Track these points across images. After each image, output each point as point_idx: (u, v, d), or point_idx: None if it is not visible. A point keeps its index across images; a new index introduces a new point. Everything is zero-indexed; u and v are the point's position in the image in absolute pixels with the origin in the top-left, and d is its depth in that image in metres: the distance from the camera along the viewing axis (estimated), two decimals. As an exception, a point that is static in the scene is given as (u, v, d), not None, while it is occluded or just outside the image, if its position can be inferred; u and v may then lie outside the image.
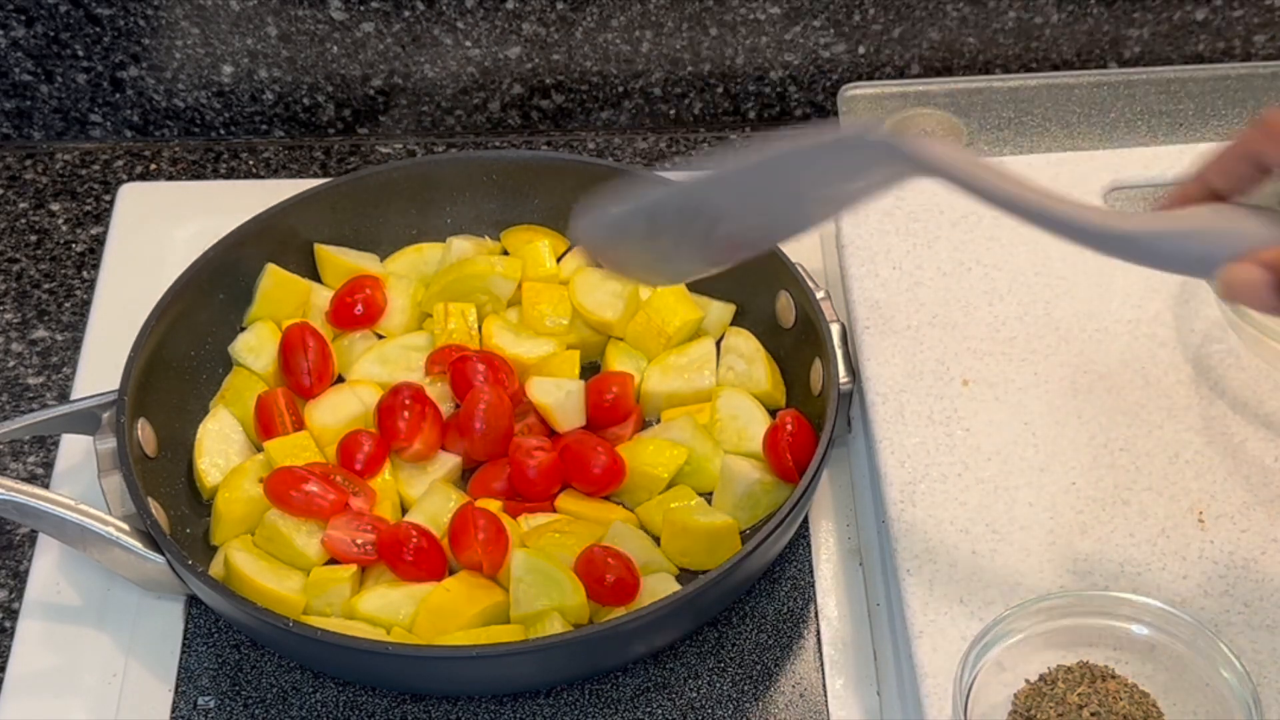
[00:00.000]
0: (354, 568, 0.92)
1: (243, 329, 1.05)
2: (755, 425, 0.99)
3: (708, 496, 0.98)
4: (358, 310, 1.05)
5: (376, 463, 0.97)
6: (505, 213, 1.10)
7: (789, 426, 0.96)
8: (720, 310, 1.05)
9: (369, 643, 0.86)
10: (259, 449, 0.99)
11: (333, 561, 0.93)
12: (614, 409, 1.00)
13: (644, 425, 1.02)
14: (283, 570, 0.93)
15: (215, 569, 0.93)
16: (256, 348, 1.03)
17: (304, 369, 1.01)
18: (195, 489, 0.98)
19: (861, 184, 0.77)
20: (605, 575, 0.91)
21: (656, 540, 0.95)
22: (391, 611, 0.91)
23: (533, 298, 1.05)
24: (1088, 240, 0.71)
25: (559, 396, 1.00)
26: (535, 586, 0.90)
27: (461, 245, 1.08)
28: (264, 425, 0.99)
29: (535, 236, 1.09)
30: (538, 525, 0.95)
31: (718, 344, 1.05)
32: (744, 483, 0.95)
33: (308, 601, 0.91)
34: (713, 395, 1.01)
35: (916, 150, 0.72)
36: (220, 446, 0.99)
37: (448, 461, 0.99)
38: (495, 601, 0.91)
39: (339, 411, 1.00)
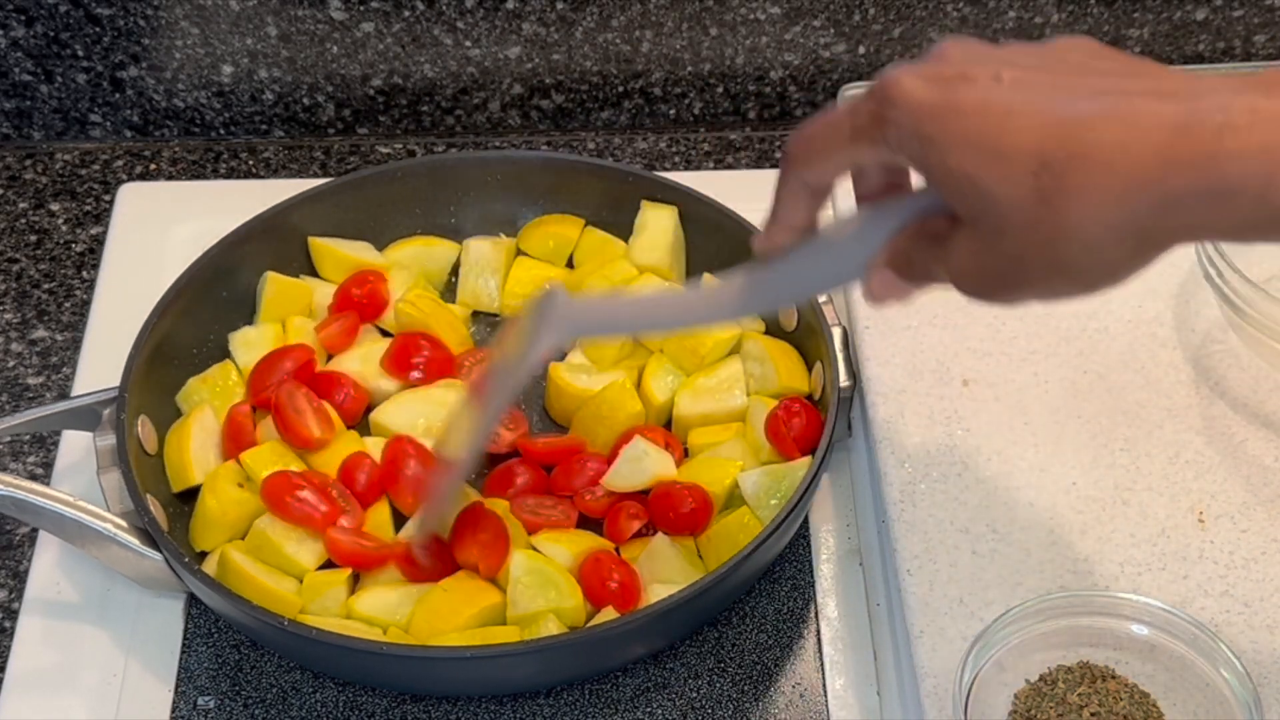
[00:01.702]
0: (348, 571, 0.92)
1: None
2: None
3: None
4: (360, 302, 1.05)
5: (374, 493, 0.97)
6: (509, 212, 1.10)
7: (786, 410, 0.97)
8: (749, 323, 1.04)
9: (365, 643, 0.86)
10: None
11: (327, 565, 0.93)
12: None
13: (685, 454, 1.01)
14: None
15: (209, 565, 0.93)
16: (254, 342, 1.03)
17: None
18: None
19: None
20: (609, 581, 0.91)
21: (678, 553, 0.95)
22: (389, 612, 0.91)
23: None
24: (732, 312, 0.77)
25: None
26: (533, 588, 0.90)
27: (479, 246, 1.08)
28: (232, 437, 0.98)
29: (561, 229, 1.09)
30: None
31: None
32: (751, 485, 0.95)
33: (303, 604, 0.91)
34: (745, 414, 1.00)
35: (548, 322, 0.80)
36: (202, 441, 0.98)
37: None
38: (493, 603, 0.91)
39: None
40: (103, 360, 1.04)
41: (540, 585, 0.90)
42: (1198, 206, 0.61)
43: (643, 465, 0.95)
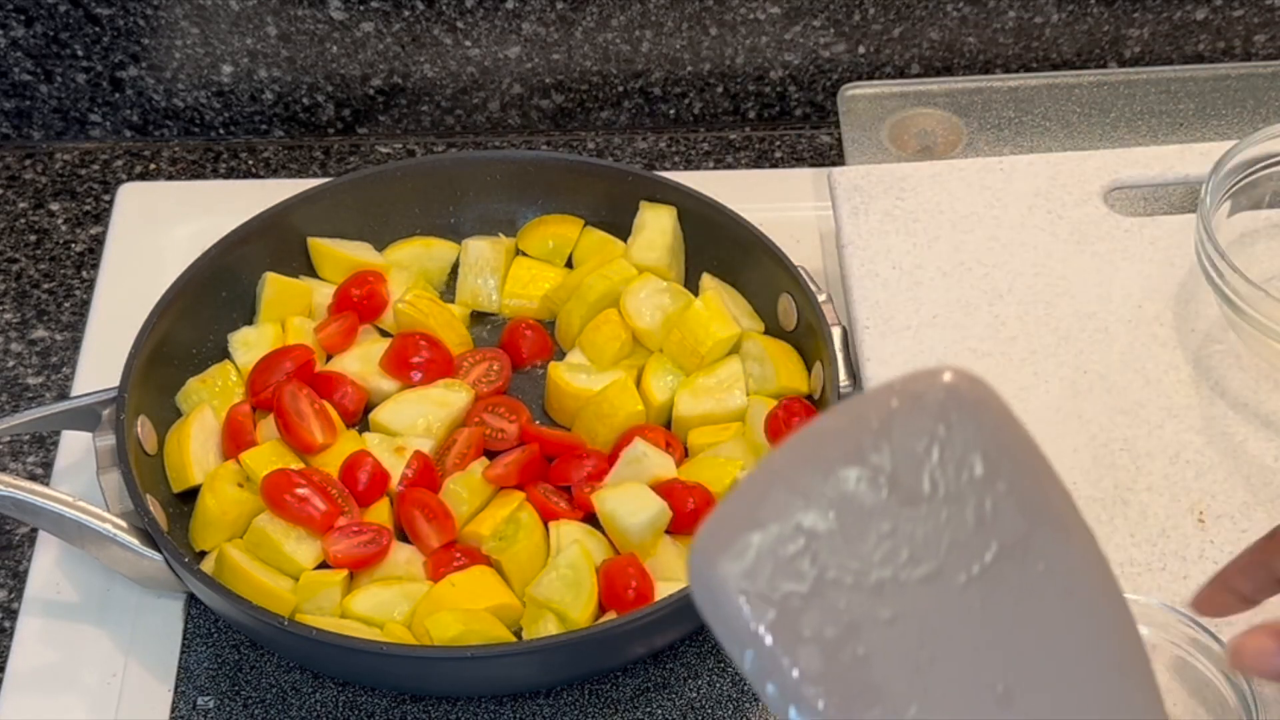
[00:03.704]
0: (344, 572, 0.92)
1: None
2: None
3: None
4: (359, 302, 1.05)
5: (377, 491, 0.96)
6: (509, 212, 1.10)
7: (787, 410, 0.97)
8: (749, 323, 1.05)
9: (366, 643, 0.86)
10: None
11: (324, 564, 0.93)
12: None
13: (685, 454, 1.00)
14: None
15: (207, 563, 0.93)
16: (253, 343, 1.03)
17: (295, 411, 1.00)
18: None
19: None
20: (628, 588, 0.91)
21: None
22: (385, 610, 0.91)
23: (597, 322, 1.04)
24: None
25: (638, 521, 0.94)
26: (562, 582, 0.90)
27: (478, 246, 1.08)
28: (232, 437, 0.98)
29: (561, 229, 1.09)
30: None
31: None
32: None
33: (298, 603, 0.91)
34: (745, 413, 1.00)
35: None
36: (202, 441, 0.98)
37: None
38: (502, 602, 0.91)
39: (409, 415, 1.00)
40: (102, 360, 1.04)
41: (569, 583, 0.90)
42: None
43: (643, 466, 0.95)
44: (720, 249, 1.06)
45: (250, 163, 1.24)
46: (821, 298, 1.00)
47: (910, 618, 0.52)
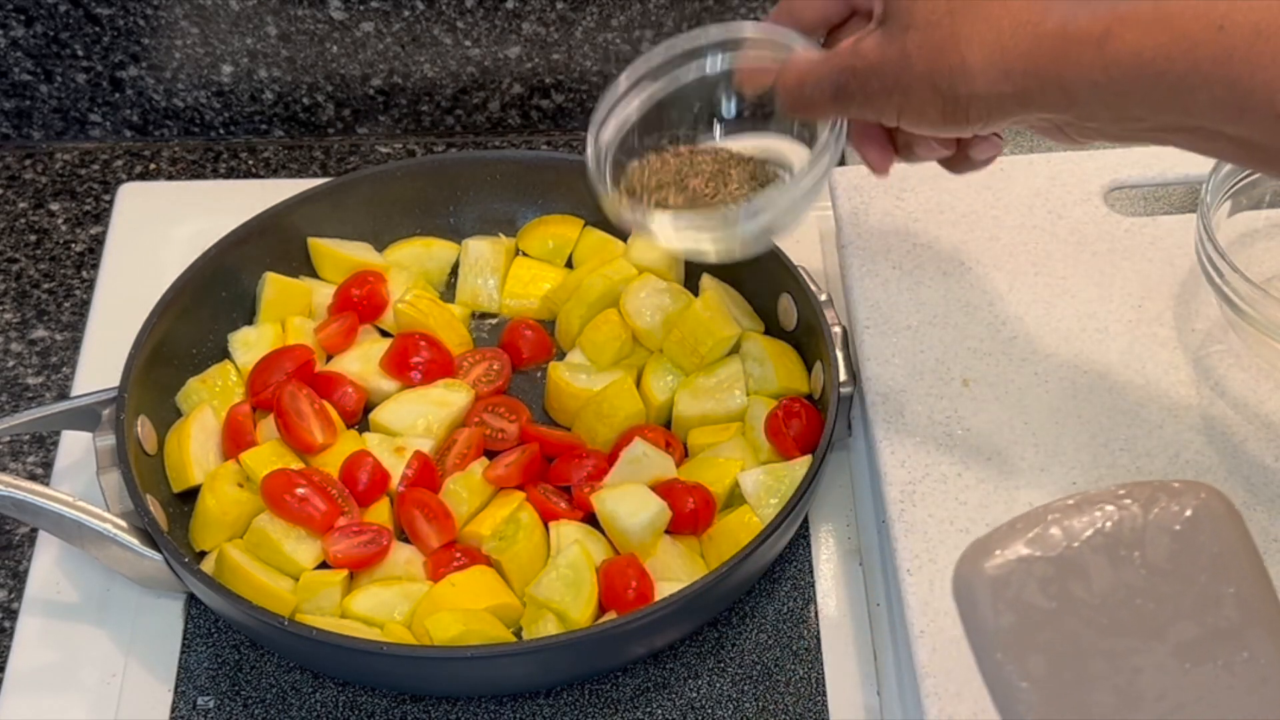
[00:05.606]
0: (344, 572, 0.92)
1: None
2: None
3: None
4: (359, 302, 1.05)
5: (377, 491, 0.97)
6: (509, 212, 1.10)
7: (786, 410, 0.97)
8: (749, 323, 1.05)
9: (365, 643, 0.86)
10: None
11: (324, 564, 0.93)
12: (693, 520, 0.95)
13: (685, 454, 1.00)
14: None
15: (207, 563, 0.93)
16: (253, 343, 1.03)
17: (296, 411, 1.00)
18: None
19: None
20: (628, 588, 0.91)
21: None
22: (384, 611, 0.91)
23: (597, 322, 1.04)
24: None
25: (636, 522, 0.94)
26: (562, 582, 0.90)
27: (478, 246, 1.08)
28: (232, 437, 0.98)
29: (561, 229, 1.09)
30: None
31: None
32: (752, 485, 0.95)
33: (298, 604, 0.91)
34: (745, 413, 1.00)
35: None
36: (202, 441, 0.98)
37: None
38: (502, 602, 0.91)
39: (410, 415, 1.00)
40: (102, 360, 1.04)
41: (569, 583, 0.90)
42: (1057, 56, 0.71)
43: (643, 466, 0.95)
44: (719, 249, 1.06)
45: (250, 163, 1.24)
46: (822, 298, 1.00)
47: (1125, 658, 0.64)
